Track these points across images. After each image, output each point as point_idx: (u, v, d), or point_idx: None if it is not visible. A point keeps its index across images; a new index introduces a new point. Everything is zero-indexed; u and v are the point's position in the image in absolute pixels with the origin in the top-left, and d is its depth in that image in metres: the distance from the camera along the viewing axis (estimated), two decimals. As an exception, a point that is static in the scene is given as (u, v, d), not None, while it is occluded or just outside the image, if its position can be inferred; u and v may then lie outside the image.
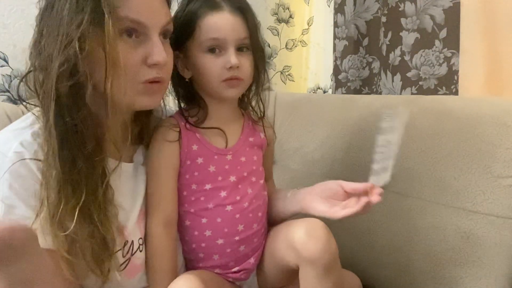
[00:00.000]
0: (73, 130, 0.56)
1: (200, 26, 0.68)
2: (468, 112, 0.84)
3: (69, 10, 0.54)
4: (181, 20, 0.70)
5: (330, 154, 1.05)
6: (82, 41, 0.54)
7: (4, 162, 0.56)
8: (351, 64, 1.43)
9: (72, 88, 0.55)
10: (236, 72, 0.69)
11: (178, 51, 0.71)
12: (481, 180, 0.77)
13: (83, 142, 0.57)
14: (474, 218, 0.77)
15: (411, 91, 1.21)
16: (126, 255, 0.66)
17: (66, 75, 0.54)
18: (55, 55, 0.54)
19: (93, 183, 0.58)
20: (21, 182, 0.56)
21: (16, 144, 0.57)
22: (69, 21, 0.54)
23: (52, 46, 0.54)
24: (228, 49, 0.68)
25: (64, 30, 0.54)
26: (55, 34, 0.55)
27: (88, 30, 0.54)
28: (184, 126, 0.72)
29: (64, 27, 0.54)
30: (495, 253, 0.73)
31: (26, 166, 0.56)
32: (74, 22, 0.54)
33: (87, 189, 0.57)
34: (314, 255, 0.63)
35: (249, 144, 0.76)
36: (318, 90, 1.71)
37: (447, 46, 1.13)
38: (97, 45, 0.55)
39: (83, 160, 0.57)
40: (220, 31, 0.68)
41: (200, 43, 0.69)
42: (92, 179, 0.58)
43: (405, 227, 0.86)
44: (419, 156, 0.87)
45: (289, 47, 1.78)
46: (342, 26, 1.43)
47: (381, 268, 0.90)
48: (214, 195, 0.71)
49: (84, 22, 0.53)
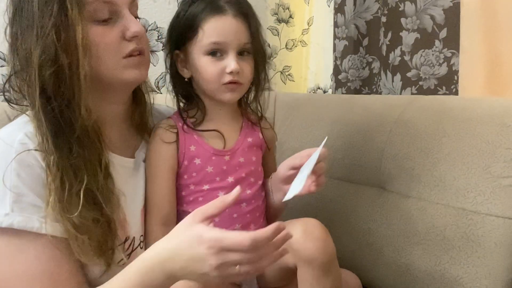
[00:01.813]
0: (61, 116, 0.58)
1: (203, 29, 0.68)
2: (468, 112, 0.84)
3: (39, 4, 0.56)
4: (183, 20, 0.70)
5: (330, 154, 1.05)
6: (57, 30, 0.56)
7: (10, 153, 0.57)
8: (351, 64, 1.43)
9: (55, 75, 0.57)
10: (236, 77, 0.69)
11: (178, 51, 0.72)
12: (481, 180, 0.77)
13: (72, 127, 0.58)
14: (474, 218, 0.77)
15: (411, 91, 1.21)
16: (127, 251, 0.66)
17: (48, 64, 0.56)
18: (33, 47, 0.56)
19: (92, 168, 0.60)
20: (28, 171, 0.57)
21: (21, 135, 0.59)
22: (41, 14, 0.56)
23: (28, 41, 0.57)
24: (229, 54, 0.68)
25: (38, 24, 0.56)
26: (30, 31, 0.57)
27: (60, 19, 0.56)
28: (181, 127, 0.72)
29: (37, 21, 0.56)
30: (495, 253, 0.73)
31: (32, 156, 0.57)
32: (45, 15, 0.56)
33: (88, 173, 0.58)
34: (311, 255, 0.63)
35: (248, 145, 0.76)
36: (318, 90, 1.71)
37: (447, 46, 1.14)
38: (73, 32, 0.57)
39: (77, 145, 0.58)
40: (223, 35, 0.68)
41: (201, 46, 0.69)
42: (91, 163, 0.60)
43: (405, 227, 0.86)
44: (419, 156, 0.87)
45: (289, 47, 1.78)
46: (342, 26, 1.43)
47: (381, 268, 0.90)
48: (212, 195, 0.71)
49: (55, 12, 0.56)
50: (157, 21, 1.43)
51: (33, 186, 0.57)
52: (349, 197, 0.99)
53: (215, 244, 0.50)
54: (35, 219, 0.56)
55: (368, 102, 1.06)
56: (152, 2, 1.41)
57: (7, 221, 0.54)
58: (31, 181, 0.57)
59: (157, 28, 1.43)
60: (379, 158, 0.94)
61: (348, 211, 0.98)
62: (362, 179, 0.98)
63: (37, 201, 0.57)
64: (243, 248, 0.50)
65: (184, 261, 0.52)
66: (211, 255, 0.50)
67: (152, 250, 0.56)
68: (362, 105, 1.05)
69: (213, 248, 0.50)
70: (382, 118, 0.97)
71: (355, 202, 0.98)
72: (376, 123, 0.98)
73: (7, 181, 0.56)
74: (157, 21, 1.43)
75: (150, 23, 1.42)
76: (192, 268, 0.52)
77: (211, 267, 0.51)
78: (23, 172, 0.57)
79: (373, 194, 0.95)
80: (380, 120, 0.97)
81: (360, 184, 0.99)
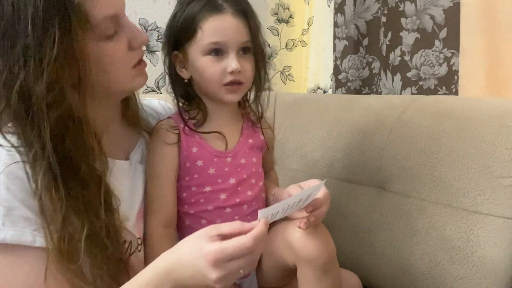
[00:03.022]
0: (68, 157, 0.55)
1: (202, 28, 0.67)
2: (468, 112, 0.84)
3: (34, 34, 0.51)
4: (181, 21, 0.69)
5: (330, 154, 1.05)
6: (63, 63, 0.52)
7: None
8: (351, 64, 1.43)
9: (63, 114, 0.53)
10: (237, 76, 0.68)
11: (177, 51, 0.71)
12: (481, 180, 0.77)
13: (78, 167, 0.56)
14: (474, 218, 0.77)
15: (411, 91, 1.21)
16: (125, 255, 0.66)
17: (56, 104, 0.52)
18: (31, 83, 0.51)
19: (93, 208, 0.57)
20: (18, 183, 0.54)
21: (8, 146, 0.56)
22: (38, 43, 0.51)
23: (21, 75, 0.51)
24: (230, 53, 0.67)
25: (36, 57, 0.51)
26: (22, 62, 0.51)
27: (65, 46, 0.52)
28: (183, 128, 0.71)
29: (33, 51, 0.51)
30: (495, 253, 0.73)
31: (21, 168, 0.55)
32: (46, 43, 0.51)
33: (87, 216, 0.56)
34: (311, 255, 0.63)
35: (249, 146, 0.76)
36: (318, 90, 1.71)
37: (447, 46, 1.14)
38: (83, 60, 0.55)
39: (79, 186, 0.56)
40: (222, 34, 0.67)
41: (201, 46, 0.68)
42: (91, 203, 0.57)
43: (405, 227, 0.86)
44: (419, 156, 0.87)
45: (289, 47, 1.79)
46: (342, 26, 1.43)
47: (381, 268, 0.90)
48: (214, 197, 0.71)
49: (57, 38, 0.51)
50: (157, 21, 1.43)
51: (24, 198, 0.54)
52: (349, 197, 0.99)
53: (215, 257, 0.51)
54: (28, 233, 0.54)
55: (368, 102, 1.06)
56: (152, 2, 1.41)
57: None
58: (21, 193, 0.54)
59: (157, 28, 1.43)
60: (379, 158, 0.94)
61: (348, 211, 0.98)
62: (362, 179, 0.98)
63: (29, 214, 0.54)
64: (247, 250, 0.51)
65: (190, 273, 0.53)
66: (212, 268, 0.51)
67: (160, 259, 0.56)
68: (362, 105, 1.05)
69: (213, 261, 0.51)
70: (382, 118, 0.98)
71: (355, 202, 0.98)
72: (376, 123, 0.98)
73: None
74: (157, 21, 1.43)
75: (150, 23, 1.42)
76: (197, 279, 0.53)
77: (213, 280, 0.51)
78: (13, 185, 0.54)
79: (373, 194, 0.95)
80: (380, 120, 0.97)
81: (360, 184, 0.99)
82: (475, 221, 0.76)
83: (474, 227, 0.76)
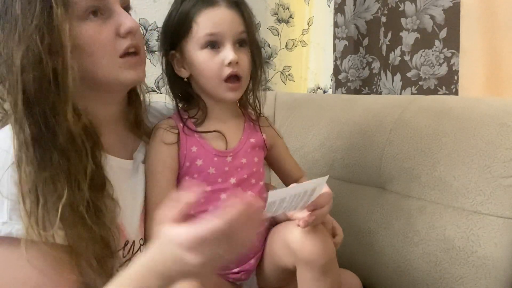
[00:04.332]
0: (44, 122, 0.55)
1: (197, 22, 0.67)
2: (468, 112, 0.84)
3: (21, 6, 0.54)
4: (176, 18, 0.69)
5: (330, 154, 1.05)
6: (40, 31, 0.54)
7: (6, 159, 0.55)
8: (351, 64, 1.43)
9: (38, 78, 0.54)
10: (235, 68, 0.68)
11: (174, 50, 0.71)
12: (481, 180, 0.77)
13: (55, 134, 0.55)
14: (474, 218, 0.77)
15: (411, 91, 1.21)
16: (127, 255, 0.65)
17: (30, 67, 0.54)
18: (15, 51, 0.54)
19: (74, 180, 0.56)
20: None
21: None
22: (23, 16, 0.54)
23: (11, 45, 0.54)
24: (226, 45, 0.67)
25: (20, 26, 0.54)
26: (12, 34, 0.54)
27: (43, 19, 0.54)
28: (182, 128, 0.71)
29: (19, 24, 0.54)
30: (495, 253, 0.73)
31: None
32: (28, 16, 0.54)
33: (69, 186, 0.55)
34: (310, 257, 0.63)
35: (250, 145, 0.75)
36: (318, 90, 1.71)
37: (447, 46, 1.14)
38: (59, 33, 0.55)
39: (59, 155, 0.55)
40: (218, 26, 0.67)
41: (197, 40, 0.68)
42: (73, 175, 0.56)
43: (405, 227, 0.86)
44: (419, 156, 0.87)
45: (289, 47, 1.79)
46: (342, 26, 1.43)
47: (381, 268, 0.90)
48: (214, 197, 0.71)
49: (38, 12, 0.54)
50: (157, 21, 1.43)
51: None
52: (349, 197, 0.99)
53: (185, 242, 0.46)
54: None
55: (368, 102, 1.06)
56: (152, 2, 1.41)
57: (5, 230, 0.53)
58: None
59: (157, 28, 1.43)
60: (379, 158, 0.94)
61: (348, 211, 0.98)
62: (362, 179, 0.98)
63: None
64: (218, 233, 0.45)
65: (169, 264, 0.48)
66: (186, 252, 0.46)
67: (140, 258, 0.52)
68: (362, 105, 1.05)
69: (184, 245, 0.46)
70: (382, 118, 0.98)
71: (355, 202, 0.98)
72: (376, 123, 0.98)
73: (3, 188, 0.54)
74: (157, 21, 1.43)
75: (150, 23, 1.42)
76: (177, 268, 0.48)
77: (192, 264, 0.46)
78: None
79: (373, 194, 0.95)
80: (380, 120, 0.97)
81: (360, 184, 0.99)
82: (475, 221, 0.76)
83: (474, 227, 0.76)
